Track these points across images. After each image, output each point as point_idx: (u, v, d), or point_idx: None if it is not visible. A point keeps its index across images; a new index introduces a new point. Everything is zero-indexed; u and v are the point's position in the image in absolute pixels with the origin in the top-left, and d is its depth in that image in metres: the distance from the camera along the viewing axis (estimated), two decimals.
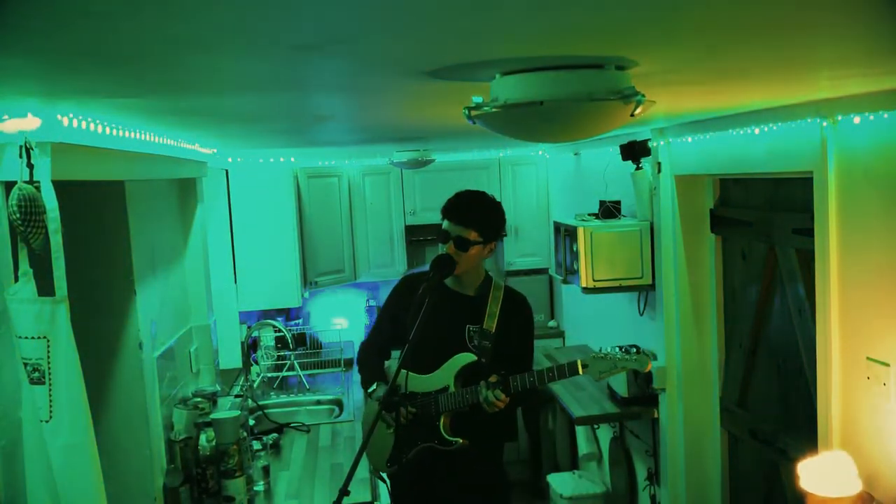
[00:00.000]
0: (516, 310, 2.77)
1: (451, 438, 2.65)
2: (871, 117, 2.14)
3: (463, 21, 1.04)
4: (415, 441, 2.71)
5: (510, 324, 2.73)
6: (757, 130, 2.71)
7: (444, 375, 2.68)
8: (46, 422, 1.74)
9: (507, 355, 2.68)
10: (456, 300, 2.76)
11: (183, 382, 3.34)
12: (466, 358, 2.66)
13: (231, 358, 4.45)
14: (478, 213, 2.69)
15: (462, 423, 2.68)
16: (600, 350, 2.53)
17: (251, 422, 3.73)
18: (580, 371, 2.48)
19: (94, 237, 2.61)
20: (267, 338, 4.96)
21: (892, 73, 1.77)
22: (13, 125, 1.65)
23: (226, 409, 3.26)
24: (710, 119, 3.04)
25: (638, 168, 3.76)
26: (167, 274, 3.22)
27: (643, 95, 1.42)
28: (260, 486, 3.17)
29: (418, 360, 2.71)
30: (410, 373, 2.74)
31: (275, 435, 3.71)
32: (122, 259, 2.67)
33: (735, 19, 1.13)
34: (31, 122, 1.66)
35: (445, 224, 2.70)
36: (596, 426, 4.80)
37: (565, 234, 4.14)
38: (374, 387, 2.79)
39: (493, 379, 2.54)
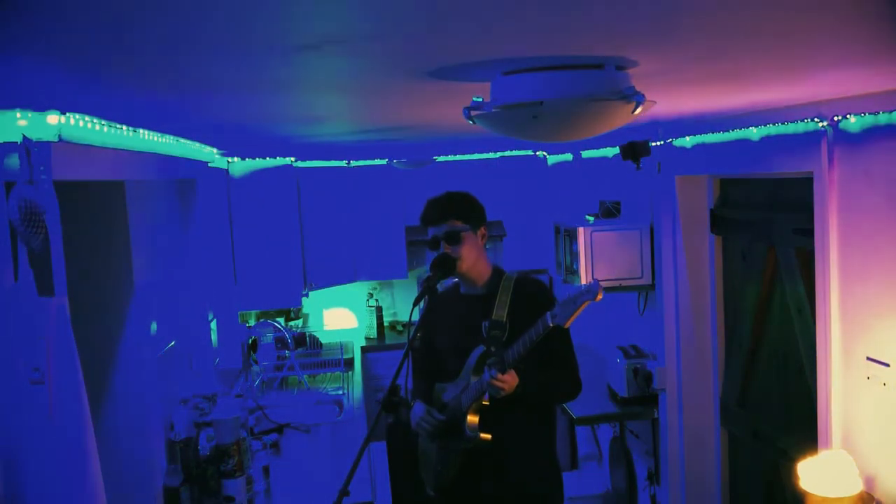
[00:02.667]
0: (529, 294, 2.71)
1: (470, 434, 2.61)
2: (872, 117, 2.14)
3: (463, 21, 1.04)
4: (451, 448, 2.71)
5: (523, 308, 2.65)
6: (757, 130, 2.71)
7: (465, 375, 2.67)
8: (46, 422, 1.73)
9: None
10: (468, 302, 2.75)
11: (183, 382, 3.34)
12: (478, 352, 2.65)
13: (231, 358, 4.45)
14: (451, 204, 2.70)
15: (488, 420, 2.64)
16: (567, 295, 2.50)
17: (251, 422, 3.73)
18: (551, 322, 2.45)
19: (94, 237, 2.61)
20: (267, 338, 4.96)
21: (893, 73, 1.77)
22: (14, 124, 1.64)
23: (226, 409, 3.26)
24: (710, 119, 3.04)
25: (638, 168, 3.76)
26: (167, 274, 3.22)
27: (643, 95, 1.42)
28: (260, 486, 3.17)
29: (447, 369, 2.74)
30: (443, 384, 2.76)
31: (275, 435, 3.71)
32: (122, 259, 2.67)
33: (735, 20, 1.13)
34: (30, 122, 1.66)
35: (430, 231, 2.71)
36: (596, 426, 4.80)
37: (565, 235, 4.14)
38: (412, 404, 2.81)
39: (490, 361, 2.53)
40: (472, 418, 2.61)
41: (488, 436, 2.60)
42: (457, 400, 2.67)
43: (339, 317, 6.06)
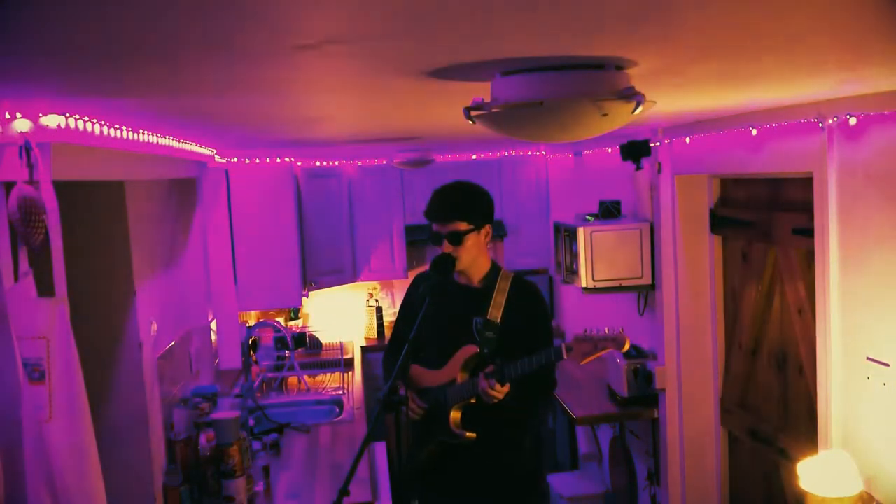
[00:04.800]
0: (524, 298, 2.72)
1: (456, 431, 2.64)
2: (872, 117, 2.14)
3: (463, 21, 1.05)
4: (430, 437, 2.73)
5: (518, 313, 2.68)
6: (757, 130, 2.71)
7: (452, 369, 2.68)
8: (46, 422, 1.73)
9: (519, 344, 2.62)
10: (462, 293, 2.75)
11: (183, 382, 3.34)
12: (470, 350, 2.65)
13: (231, 358, 4.44)
14: (458, 203, 2.67)
15: (472, 417, 2.66)
16: (584, 331, 2.48)
17: (251, 422, 3.73)
18: (564, 354, 2.44)
19: (94, 237, 2.61)
20: (267, 338, 4.96)
21: (893, 73, 1.77)
22: (14, 125, 1.64)
23: (226, 409, 3.26)
24: (710, 119, 3.04)
25: (638, 168, 3.76)
26: (167, 274, 3.22)
27: (643, 95, 1.42)
28: (260, 486, 3.17)
29: (430, 356, 2.73)
30: (423, 368, 2.75)
31: (275, 435, 3.71)
32: (122, 259, 2.67)
33: (735, 20, 1.13)
34: (31, 122, 1.66)
35: (434, 226, 2.69)
36: (596, 426, 4.80)
37: (565, 234, 4.14)
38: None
39: (489, 369, 2.53)
40: (455, 415, 2.65)
41: (474, 434, 2.64)
42: (440, 392, 2.69)
43: (338, 317, 6.06)
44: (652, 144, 3.64)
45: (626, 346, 2.41)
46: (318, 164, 5.33)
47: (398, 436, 2.73)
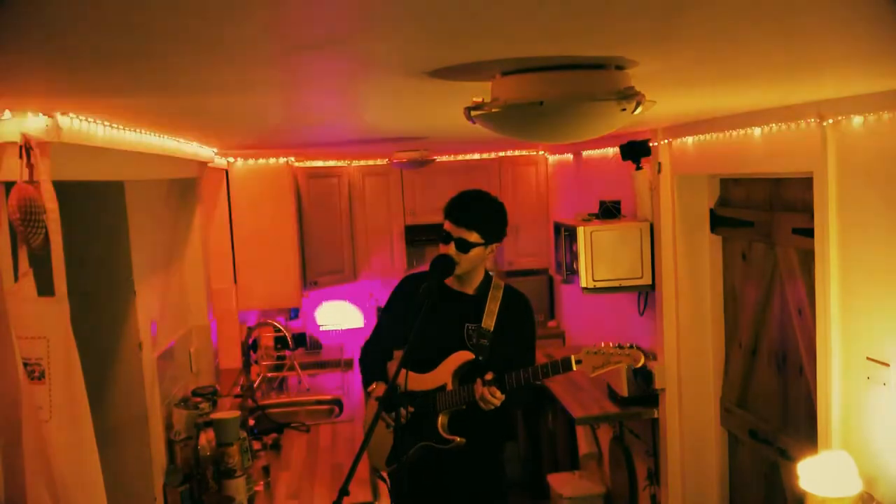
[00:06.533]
0: (516, 308, 2.77)
1: (447, 437, 2.65)
2: (871, 117, 2.14)
3: (463, 21, 1.05)
4: (414, 440, 2.72)
5: (509, 322, 2.72)
6: (757, 130, 2.71)
7: (443, 374, 2.68)
8: (46, 422, 1.73)
9: (507, 353, 2.67)
10: (455, 299, 2.76)
11: (183, 382, 3.33)
12: (464, 356, 2.66)
13: (231, 358, 4.45)
14: (480, 215, 2.67)
15: (460, 422, 2.68)
16: (594, 345, 2.51)
17: (251, 422, 3.73)
18: (573, 366, 2.46)
19: (94, 237, 2.61)
20: (267, 338, 4.96)
21: (893, 73, 1.77)
22: (13, 124, 1.64)
23: (226, 409, 3.26)
24: (710, 119, 3.04)
25: (638, 168, 3.76)
26: (167, 274, 3.22)
27: (643, 95, 1.42)
28: (260, 486, 3.17)
29: (418, 359, 2.71)
30: (410, 371, 2.74)
31: (275, 435, 3.71)
32: (122, 259, 2.67)
33: (735, 20, 1.13)
34: (31, 122, 1.66)
35: (447, 224, 2.69)
36: (596, 426, 4.80)
37: (565, 234, 4.14)
38: (373, 386, 2.79)
39: (488, 376, 2.54)
40: (443, 419, 2.66)
41: (463, 440, 2.65)
42: (430, 398, 2.69)
43: (339, 316, 6.06)
44: (652, 144, 3.64)
45: (641, 362, 2.42)
46: (318, 163, 5.33)
47: (397, 436, 2.73)
